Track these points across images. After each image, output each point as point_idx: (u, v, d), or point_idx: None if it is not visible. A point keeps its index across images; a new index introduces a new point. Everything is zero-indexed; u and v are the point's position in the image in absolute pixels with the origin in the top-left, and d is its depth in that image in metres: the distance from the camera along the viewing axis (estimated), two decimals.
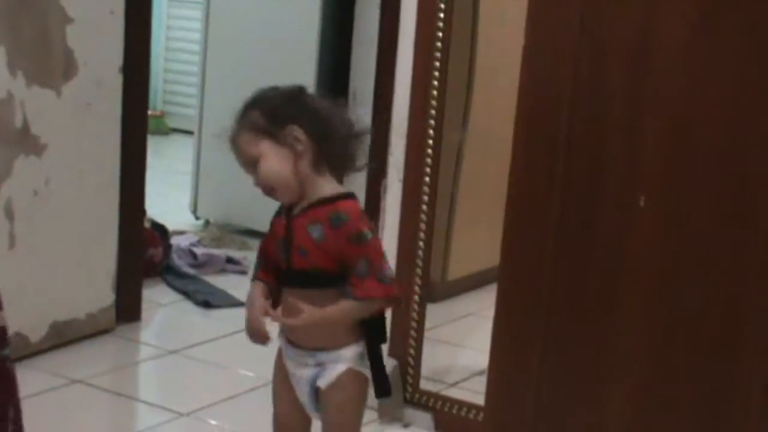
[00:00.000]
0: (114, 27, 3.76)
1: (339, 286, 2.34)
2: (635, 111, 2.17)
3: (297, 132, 2.34)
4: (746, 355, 2.14)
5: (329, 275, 2.34)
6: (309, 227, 2.34)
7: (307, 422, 2.52)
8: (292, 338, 2.42)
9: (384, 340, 2.44)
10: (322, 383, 2.41)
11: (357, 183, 2.59)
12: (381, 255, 2.34)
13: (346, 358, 2.39)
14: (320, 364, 2.41)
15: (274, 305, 2.41)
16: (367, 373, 2.41)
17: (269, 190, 2.37)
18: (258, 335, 2.42)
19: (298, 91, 2.46)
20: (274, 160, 2.34)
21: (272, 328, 2.36)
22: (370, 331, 2.40)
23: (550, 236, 2.29)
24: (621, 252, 2.23)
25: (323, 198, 2.35)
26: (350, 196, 2.39)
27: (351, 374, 2.39)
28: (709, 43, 2.09)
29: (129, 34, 3.82)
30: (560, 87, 2.23)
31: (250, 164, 2.38)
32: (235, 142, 2.42)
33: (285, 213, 2.41)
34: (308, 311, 2.33)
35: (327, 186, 2.37)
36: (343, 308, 2.33)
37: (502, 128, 2.35)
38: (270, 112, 2.37)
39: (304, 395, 2.46)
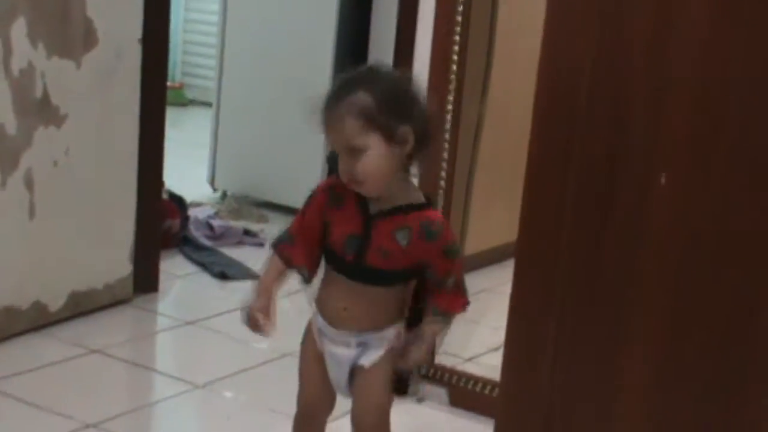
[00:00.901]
0: None
1: (403, 281, 2.39)
2: (657, 88, 2.16)
3: (409, 134, 2.30)
4: (763, 332, 2.13)
5: (399, 276, 2.36)
6: (396, 232, 2.33)
7: (332, 403, 2.53)
8: (335, 320, 2.42)
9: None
10: (366, 362, 2.42)
11: None
12: (463, 270, 2.40)
13: (389, 338, 2.39)
14: (362, 344, 2.41)
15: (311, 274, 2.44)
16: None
17: (357, 182, 2.30)
18: (254, 328, 2.46)
19: (410, 84, 2.38)
20: (382, 159, 2.27)
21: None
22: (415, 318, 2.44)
23: (568, 212, 2.28)
24: (640, 229, 2.22)
25: (412, 204, 2.35)
26: (430, 204, 2.40)
27: (391, 354, 2.40)
28: (731, 19, 2.08)
29: (148, 5, 3.82)
30: (581, 63, 2.22)
31: (349, 150, 2.27)
32: (336, 125, 2.28)
33: (358, 208, 2.37)
34: (422, 349, 2.40)
35: (412, 189, 2.38)
36: (436, 330, 2.42)
37: (522, 103, 2.33)
38: (386, 105, 2.27)
39: (340, 374, 2.46)
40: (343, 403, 2.47)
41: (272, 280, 2.46)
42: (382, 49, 4.49)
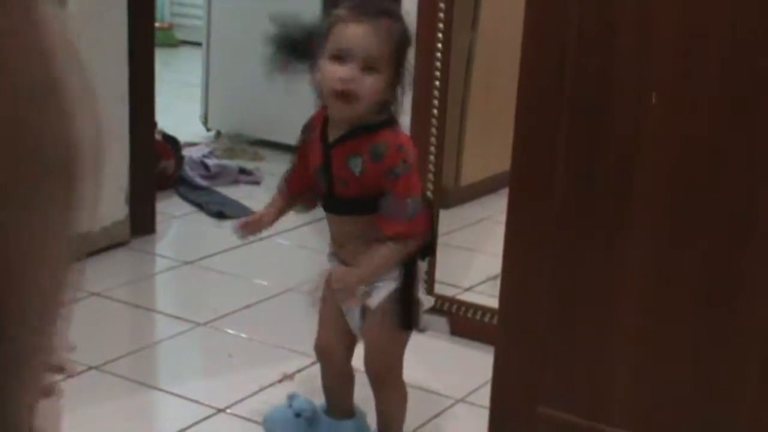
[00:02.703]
0: None
1: (372, 214, 2.38)
2: (646, 8, 2.16)
3: (409, 65, 2.34)
4: (755, 248, 2.15)
5: (369, 204, 2.35)
6: (349, 160, 2.34)
7: (350, 349, 2.55)
8: (347, 261, 2.44)
9: (431, 254, 2.47)
10: (372, 302, 2.43)
11: None
12: (408, 191, 2.33)
13: (393, 278, 2.40)
14: (371, 286, 2.43)
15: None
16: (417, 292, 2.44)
17: (350, 97, 2.30)
18: (242, 228, 2.54)
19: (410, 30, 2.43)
20: (382, 89, 2.32)
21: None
22: (415, 258, 2.44)
23: (561, 136, 2.29)
24: (633, 149, 2.23)
25: (364, 126, 2.34)
26: (387, 123, 2.37)
27: (397, 294, 2.41)
28: None
29: None
30: None
31: (363, 60, 2.30)
32: (368, 38, 2.30)
33: (319, 137, 2.39)
34: (357, 274, 2.37)
35: (374, 112, 2.36)
36: (384, 255, 2.36)
37: (513, 29, 2.33)
38: (404, 44, 2.35)
39: (352, 316, 2.48)
40: None
41: (271, 204, 2.56)
42: None
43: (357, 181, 2.34)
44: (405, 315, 2.42)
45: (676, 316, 2.26)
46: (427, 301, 2.50)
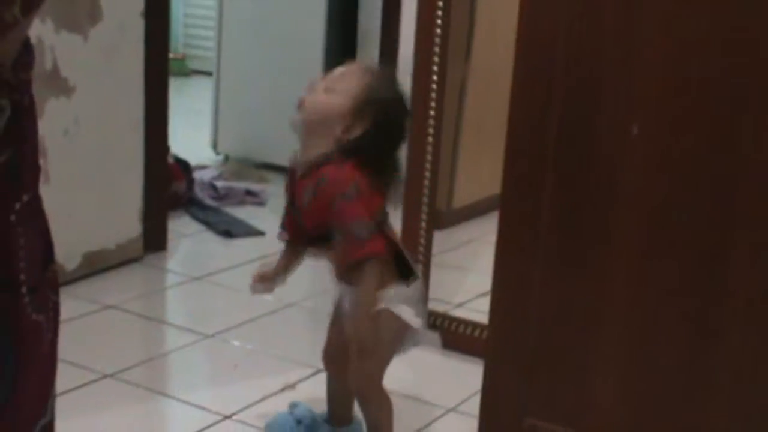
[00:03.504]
0: None
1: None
2: (629, 44, 2.16)
3: (360, 130, 2.35)
4: (732, 268, 2.14)
5: (323, 236, 2.37)
6: (304, 190, 2.36)
7: (345, 357, 2.53)
8: (342, 280, 2.45)
9: (408, 276, 2.45)
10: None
11: None
12: (350, 217, 2.31)
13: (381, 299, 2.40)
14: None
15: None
16: (402, 313, 2.42)
17: (301, 107, 2.39)
18: (255, 279, 2.59)
19: (394, 95, 2.44)
20: (328, 120, 2.35)
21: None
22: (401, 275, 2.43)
23: (549, 163, 2.28)
24: (615, 177, 2.22)
25: (318, 163, 2.36)
26: (338, 158, 2.35)
27: (386, 313, 2.40)
28: None
29: None
30: (557, 23, 2.21)
31: (326, 89, 2.38)
32: (343, 79, 2.40)
33: (292, 176, 2.43)
34: (359, 318, 2.37)
35: (329, 153, 2.36)
36: (363, 286, 2.35)
37: (503, 63, 2.33)
38: (370, 98, 2.35)
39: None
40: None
41: (283, 261, 2.57)
42: (370, 14, 4.48)
43: (307, 211, 2.37)
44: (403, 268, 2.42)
45: (659, 330, 2.25)
46: (416, 321, 2.47)
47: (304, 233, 2.44)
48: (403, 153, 2.56)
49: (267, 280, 2.57)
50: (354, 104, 2.33)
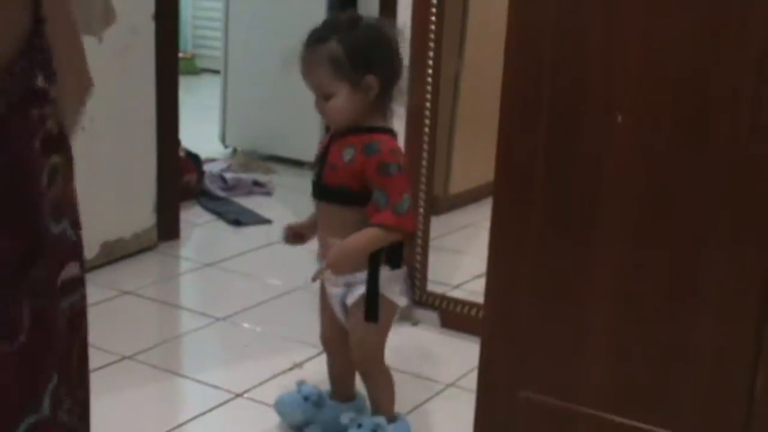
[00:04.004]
0: None
1: (360, 204, 2.33)
2: (612, 38, 2.15)
3: (374, 82, 2.29)
4: (712, 246, 2.14)
5: (352, 193, 2.33)
6: (344, 149, 2.33)
7: (346, 336, 2.53)
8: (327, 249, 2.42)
9: (399, 266, 2.43)
10: (349, 301, 2.43)
11: None
12: (401, 189, 2.30)
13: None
14: (348, 285, 2.42)
15: None
16: (389, 294, 2.41)
17: (329, 120, 2.36)
18: (286, 238, 2.56)
19: (380, 34, 2.35)
20: (348, 104, 2.30)
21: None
22: (388, 257, 2.40)
23: (539, 151, 2.28)
24: (601, 166, 2.22)
25: (363, 126, 2.32)
26: (387, 131, 2.36)
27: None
28: None
29: None
30: (544, 20, 2.21)
31: (320, 93, 2.32)
32: (311, 70, 2.31)
33: (329, 135, 2.40)
34: (336, 246, 2.32)
35: (378, 119, 2.35)
36: (366, 234, 2.31)
37: (495, 56, 2.32)
38: (353, 55, 2.28)
39: (337, 311, 2.48)
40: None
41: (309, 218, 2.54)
42: (368, 13, 4.47)
43: (344, 167, 2.33)
44: (369, 308, 2.40)
45: (644, 306, 2.25)
46: (401, 302, 2.47)
47: (320, 187, 2.40)
48: (401, 145, 2.55)
49: (297, 233, 2.55)
50: (349, 80, 2.29)
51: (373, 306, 2.39)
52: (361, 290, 2.39)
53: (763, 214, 2.07)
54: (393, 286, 2.43)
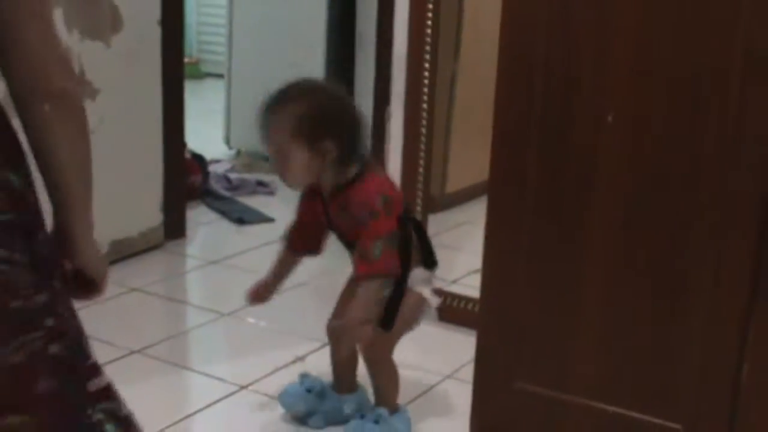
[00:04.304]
0: None
1: None
2: (603, 38, 2.15)
3: (332, 146, 2.29)
4: (698, 241, 2.14)
5: None
6: (339, 215, 2.37)
7: None
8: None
9: (434, 265, 2.50)
10: None
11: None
12: (373, 235, 2.30)
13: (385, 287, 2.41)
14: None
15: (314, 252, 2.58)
16: (423, 292, 2.45)
17: (284, 179, 2.36)
18: (249, 295, 2.63)
19: (340, 101, 2.36)
20: (302, 168, 2.30)
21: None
22: (423, 258, 2.47)
23: (532, 151, 2.28)
24: (592, 164, 2.22)
25: (337, 185, 2.34)
26: (357, 179, 2.34)
27: (384, 303, 2.41)
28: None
29: None
30: (537, 18, 2.21)
31: (279, 155, 2.31)
32: (271, 131, 2.32)
33: (317, 197, 2.41)
34: (351, 318, 2.37)
35: (348, 172, 2.34)
36: (360, 296, 2.36)
37: (489, 59, 2.33)
38: (315, 119, 2.27)
39: None
40: None
41: (279, 262, 2.60)
42: (366, 18, 4.47)
43: (349, 229, 2.38)
44: (386, 318, 2.41)
45: (632, 300, 2.25)
46: (434, 300, 2.50)
47: (347, 243, 2.44)
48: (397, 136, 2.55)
49: (263, 293, 2.58)
50: (306, 144, 2.28)
51: (391, 316, 2.41)
52: (388, 291, 2.41)
53: (747, 211, 2.08)
54: (426, 284, 2.45)
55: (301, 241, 2.55)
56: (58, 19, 3.29)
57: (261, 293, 2.59)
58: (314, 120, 2.28)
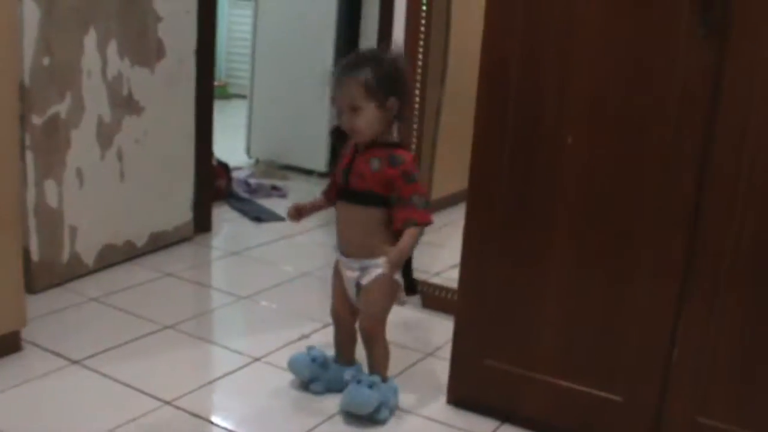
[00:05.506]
0: (190, 22, 3.74)
1: (379, 204, 2.35)
2: (564, 72, 2.16)
3: (395, 104, 2.32)
4: (640, 243, 2.15)
5: (375, 196, 2.35)
6: (369, 161, 2.34)
7: (353, 314, 2.54)
8: (345, 252, 2.44)
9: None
10: (364, 281, 2.43)
11: None
12: (422, 192, 2.34)
13: (380, 265, 2.40)
14: (363, 269, 2.42)
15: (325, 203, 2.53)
16: (396, 278, 2.43)
17: (354, 132, 2.34)
18: (289, 214, 2.53)
19: (402, 67, 2.37)
20: (373, 119, 2.31)
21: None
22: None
23: (504, 165, 2.29)
24: (554, 179, 2.23)
25: (384, 143, 2.35)
26: (402, 146, 2.38)
27: (384, 277, 2.41)
28: (616, 22, 2.09)
29: (201, 26, 3.80)
30: (510, 54, 2.22)
31: (348, 106, 2.31)
32: (346, 90, 2.31)
33: (352, 148, 2.40)
34: (390, 256, 2.34)
35: (392, 137, 2.37)
36: (411, 234, 2.34)
37: (470, 86, 2.33)
38: (382, 80, 2.30)
39: (350, 290, 2.48)
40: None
41: (311, 202, 2.55)
42: (368, 45, 4.48)
43: (372, 176, 2.34)
44: (408, 283, 2.43)
45: (586, 292, 2.26)
46: (401, 282, 2.49)
47: (347, 192, 2.40)
48: None
49: (299, 212, 2.55)
50: (377, 100, 2.30)
51: (411, 282, 2.43)
52: (373, 274, 2.41)
53: (680, 212, 2.09)
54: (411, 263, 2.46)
55: (333, 193, 2.53)
56: (113, 48, 3.30)
57: (296, 214, 2.56)
58: (384, 81, 2.30)
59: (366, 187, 2.35)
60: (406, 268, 2.44)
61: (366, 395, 2.41)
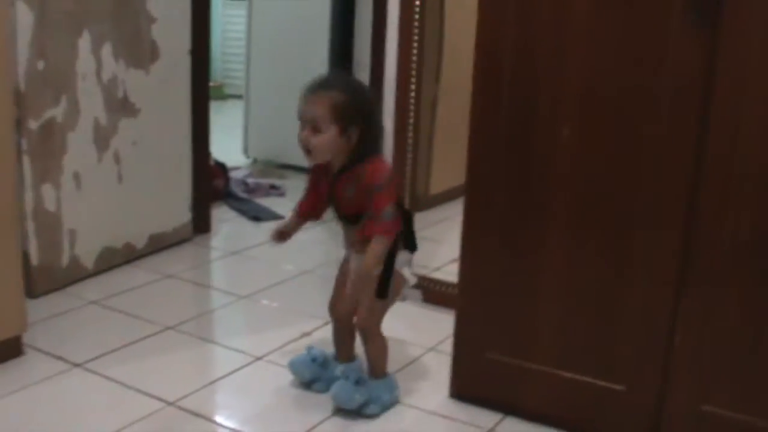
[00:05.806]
0: (184, 23, 3.74)
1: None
2: (557, 65, 2.17)
3: (355, 133, 2.31)
4: (639, 232, 2.15)
5: (357, 216, 2.37)
6: (345, 186, 2.35)
7: (351, 312, 2.54)
8: (356, 249, 2.45)
9: (415, 249, 2.46)
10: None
11: None
12: (381, 204, 2.31)
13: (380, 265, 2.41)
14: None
15: (304, 216, 2.54)
16: (403, 272, 2.43)
17: (306, 149, 2.34)
18: (273, 238, 2.56)
19: (372, 98, 2.40)
20: (330, 143, 2.31)
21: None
22: (406, 243, 2.43)
23: (500, 160, 2.29)
24: (550, 171, 2.23)
25: (346, 167, 2.35)
26: (363, 160, 2.35)
27: (379, 274, 2.41)
28: (607, 14, 2.09)
29: (195, 27, 3.80)
30: (504, 47, 2.22)
31: (308, 122, 2.32)
32: (312, 107, 2.32)
33: (325, 175, 2.41)
34: (361, 268, 2.38)
35: (356, 158, 2.35)
36: (373, 248, 2.33)
37: (465, 82, 2.33)
38: (350, 106, 2.29)
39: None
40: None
41: (287, 222, 2.57)
42: (362, 49, 4.48)
43: (350, 201, 2.37)
44: (380, 288, 2.42)
45: (584, 281, 2.26)
46: (411, 278, 2.49)
47: (340, 216, 2.44)
48: (388, 146, 2.55)
49: (282, 235, 2.57)
50: (340, 125, 2.30)
51: (384, 286, 2.41)
52: (377, 270, 2.41)
53: (676, 204, 2.09)
54: (407, 265, 2.46)
55: (306, 210, 2.55)
56: (107, 51, 3.30)
57: (279, 237, 2.57)
58: (351, 109, 2.30)
59: (354, 211, 2.39)
60: (384, 274, 2.42)
61: (349, 391, 2.43)
